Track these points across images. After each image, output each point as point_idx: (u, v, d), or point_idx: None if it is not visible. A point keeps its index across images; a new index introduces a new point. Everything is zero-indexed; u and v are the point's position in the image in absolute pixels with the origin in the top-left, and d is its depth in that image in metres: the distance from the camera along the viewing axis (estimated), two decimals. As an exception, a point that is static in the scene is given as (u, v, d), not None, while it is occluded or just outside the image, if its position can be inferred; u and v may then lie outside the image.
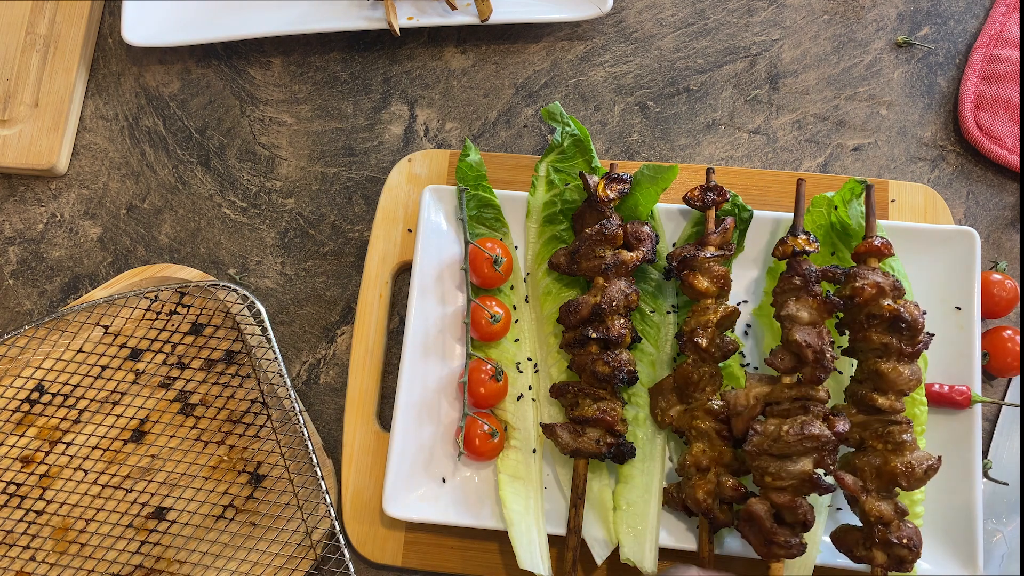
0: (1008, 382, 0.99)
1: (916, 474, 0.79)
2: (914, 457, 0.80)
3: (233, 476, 0.97)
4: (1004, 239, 1.03)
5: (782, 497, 0.80)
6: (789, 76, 1.10)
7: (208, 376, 1.01)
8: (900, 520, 0.80)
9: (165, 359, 1.01)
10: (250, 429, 0.99)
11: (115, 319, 1.02)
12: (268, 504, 0.96)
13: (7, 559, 0.95)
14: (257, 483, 0.97)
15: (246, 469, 0.97)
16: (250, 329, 1.00)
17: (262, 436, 0.98)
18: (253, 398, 0.99)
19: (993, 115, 1.05)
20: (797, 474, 0.79)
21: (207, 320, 1.02)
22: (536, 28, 1.13)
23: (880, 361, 0.82)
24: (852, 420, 0.84)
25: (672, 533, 0.90)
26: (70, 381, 1.00)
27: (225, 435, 0.99)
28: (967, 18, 1.11)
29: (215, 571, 0.94)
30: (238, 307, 1.01)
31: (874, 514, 0.80)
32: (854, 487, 0.80)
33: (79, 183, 1.13)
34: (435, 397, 0.96)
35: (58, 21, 1.15)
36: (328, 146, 1.12)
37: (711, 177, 0.95)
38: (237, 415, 0.99)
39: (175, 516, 0.96)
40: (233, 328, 1.02)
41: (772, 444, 0.80)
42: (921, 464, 0.80)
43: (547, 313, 0.97)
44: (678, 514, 0.91)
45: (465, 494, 0.94)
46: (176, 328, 1.02)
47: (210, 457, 0.98)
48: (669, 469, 0.93)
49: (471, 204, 0.99)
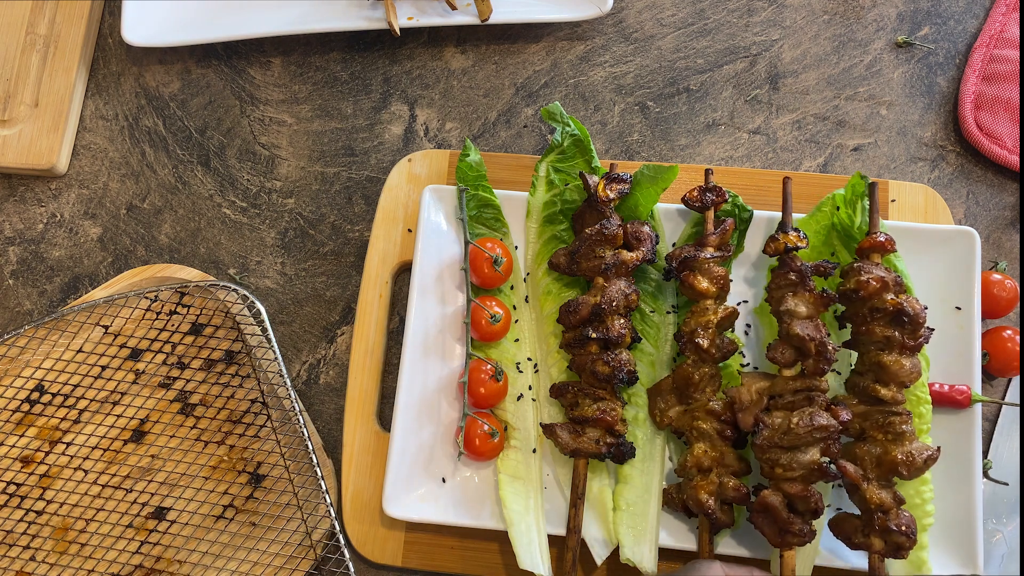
0: (1008, 382, 0.99)
1: (916, 463, 0.81)
2: (914, 447, 0.82)
3: (233, 476, 0.97)
4: (1004, 239, 1.03)
5: (794, 487, 0.82)
6: (789, 76, 1.10)
7: (208, 376, 1.01)
8: (898, 508, 0.82)
9: (165, 359, 1.01)
10: (250, 429, 0.99)
11: (115, 319, 1.02)
12: (268, 504, 0.96)
13: (7, 559, 0.95)
14: (257, 483, 0.97)
15: (246, 469, 0.97)
16: (250, 329, 1.00)
17: (262, 436, 0.98)
18: (253, 398, 0.99)
19: (993, 115, 1.05)
20: (807, 464, 0.82)
21: (207, 320, 1.02)
22: (536, 28, 1.13)
23: (882, 354, 0.84)
24: (853, 411, 0.86)
25: (672, 533, 0.90)
26: (70, 381, 1.00)
27: (225, 435, 0.99)
28: (967, 18, 1.11)
29: (215, 571, 0.94)
30: (238, 307, 1.01)
31: (874, 501, 0.81)
32: (855, 475, 0.82)
33: (79, 183, 1.13)
34: (435, 397, 0.96)
35: (58, 21, 1.15)
36: (328, 146, 1.12)
37: (710, 178, 0.95)
38: (237, 415, 0.99)
39: (175, 516, 0.96)
40: (233, 328, 1.02)
41: (782, 437, 0.82)
42: (921, 454, 0.82)
43: (547, 313, 0.97)
44: (678, 514, 0.91)
45: (465, 494, 0.94)
46: (176, 328, 1.02)
47: (210, 457, 0.98)
48: (669, 469, 0.93)
49: (471, 204, 0.99)
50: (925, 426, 0.87)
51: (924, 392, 0.88)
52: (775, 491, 0.83)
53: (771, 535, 0.83)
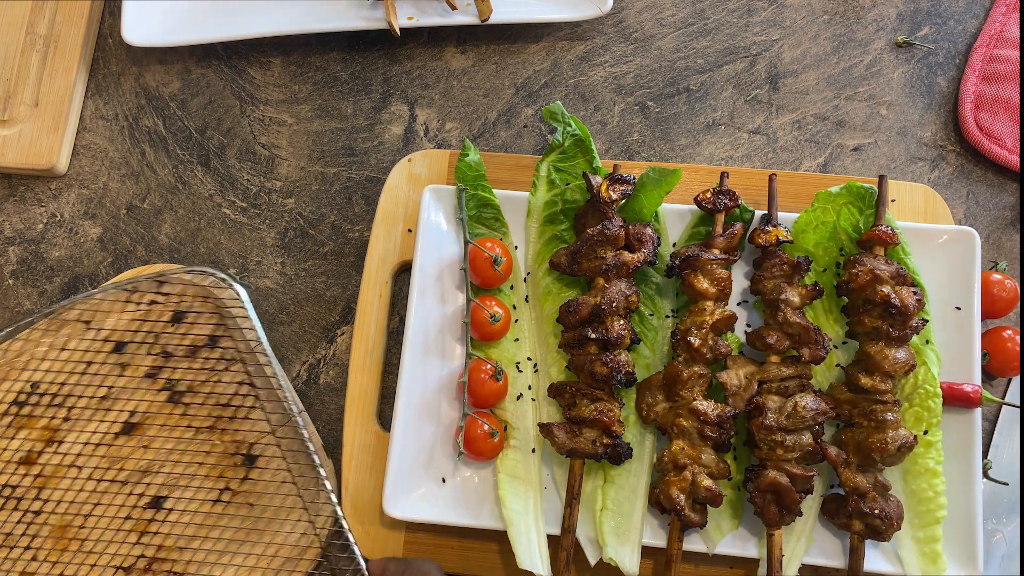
0: (1008, 382, 0.99)
1: (889, 450, 0.84)
2: (890, 435, 0.85)
3: (226, 459, 0.97)
4: (1004, 239, 1.03)
5: (795, 468, 0.86)
6: (789, 76, 1.10)
7: (193, 363, 1.00)
8: (878, 494, 0.85)
9: (149, 350, 1.01)
10: (240, 411, 0.99)
11: (96, 314, 1.02)
12: (265, 483, 0.96)
13: (8, 561, 0.95)
14: (251, 464, 0.97)
15: (239, 451, 0.98)
16: (235, 311, 0.99)
17: (252, 417, 0.98)
18: (240, 380, 0.99)
19: (993, 115, 1.05)
20: (804, 445, 0.86)
21: (188, 307, 1.02)
22: (536, 28, 1.13)
23: (871, 344, 0.87)
24: (842, 398, 0.89)
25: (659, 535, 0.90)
26: (56, 380, 1.00)
27: (215, 420, 0.99)
28: (967, 18, 1.11)
29: (220, 564, 0.94)
30: (220, 290, 1.00)
31: (850, 485, 0.85)
32: (836, 458, 0.87)
33: (79, 183, 1.13)
34: (435, 397, 0.96)
35: (58, 21, 1.15)
36: (328, 146, 1.12)
37: (724, 181, 0.95)
38: (225, 398, 0.99)
39: (172, 504, 0.97)
40: (214, 313, 1.01)
41: (786, 420, 0.86)
42: (895, 441, 0.84)
43: (547, 313, 0.97)
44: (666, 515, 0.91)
45: (465, 494, 0.94)
46: (158, 318, 1.02)
47: (202, 443, 0.98)
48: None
49: (471, 204, 0.99)
50: (935, 419, 0.89)
51: (934, 386, 0.89)
52: (779, 472, 0.85)
53: (770, 515, 0.86)
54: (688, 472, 0.86)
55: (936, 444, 0.88)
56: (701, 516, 0.87)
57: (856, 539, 0.86)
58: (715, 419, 0.87)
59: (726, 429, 0.87)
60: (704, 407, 0.87)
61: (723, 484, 0.90)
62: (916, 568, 0.86)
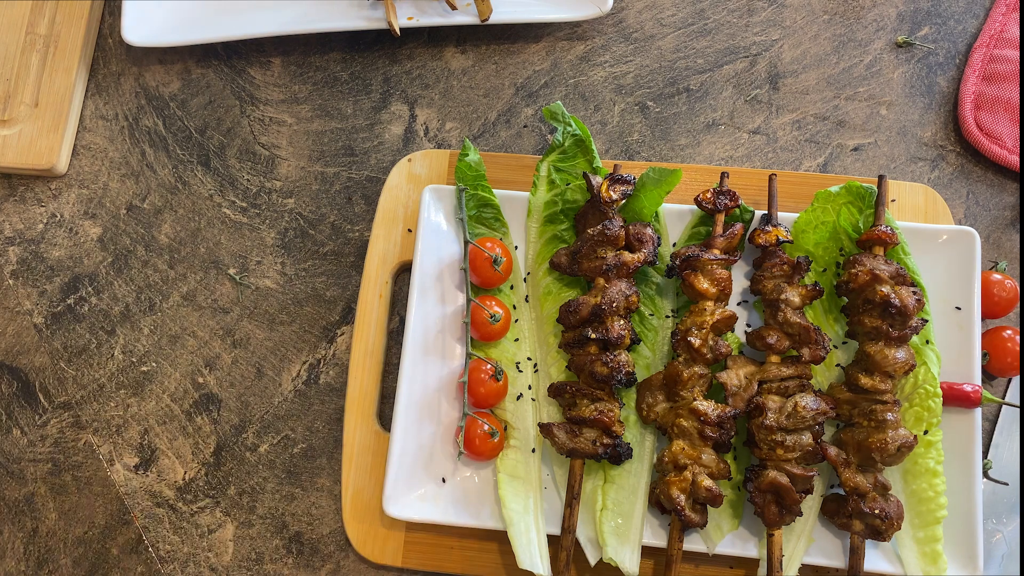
0: (1008, 382, 0.99)
1: (889, 450, 0.84)
2: (890, 435, 0.85)
3: None
4: (1004, 239, 1.03)
5: (795, 468, 0.86)
6: (789, 76, 1.10)
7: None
8: (879, 494, 0.85)
9: None
10: None
11: None
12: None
13: None
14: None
15: None
16: None
17: None
18: None
19: (993, 115, 1.05)
20: (805, 445, 0.86)
21: None
22: (536, 28, 1.13)
23: (870, 343, 0.87)
24: (842, 398, 0.89)
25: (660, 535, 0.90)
26: None
27: None
28: (967, 18, 1.11)
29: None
30: None
31: (850, 485, 0.85)
32: (836, 458, 0.86)
33: (79, 183, 1.13)
34: (435, 397, 0.96)
35: (58, 21, 1.15)
36: (328, 146, 1.12)
37: (724, 182, 0.95)
38: None
39: None
40: None
41: (786, 420, 0.86)
42: (896, 441, 0.84)
43: (547, 313, 0.97)
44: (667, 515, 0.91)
45: (465, 494, 0.94)
46: None
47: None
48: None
49: (470, 204, 0.99)
50: (935, 419, 0.89)
51: (934, 386, 0.89)
52: (780, 472, 0.86)
53: (771, 515, 0.86)
54: (688, 472, 0.86)
55: (936, 444, 0.88)
56: (701, 516, 0.87)
57: (856, 539, 0.86)
58: (715, 419, 0.87)
59: (726, 429, 0.87)
60: (704, 407, 0.87)
61: (723, 484, 0.90)
62: (916, 568, 0.86)
